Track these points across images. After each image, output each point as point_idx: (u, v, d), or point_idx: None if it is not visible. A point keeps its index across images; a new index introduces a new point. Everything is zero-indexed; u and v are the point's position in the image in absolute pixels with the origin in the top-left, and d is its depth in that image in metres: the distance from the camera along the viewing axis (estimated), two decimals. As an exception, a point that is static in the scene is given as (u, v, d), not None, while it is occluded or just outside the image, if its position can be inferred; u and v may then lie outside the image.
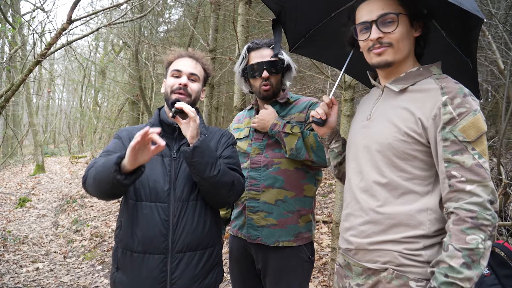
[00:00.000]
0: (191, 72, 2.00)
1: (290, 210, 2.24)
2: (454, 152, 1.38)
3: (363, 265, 1.57)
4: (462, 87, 1.43)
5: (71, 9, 4.41)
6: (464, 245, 1.31)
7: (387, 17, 1.50)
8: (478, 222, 1.31)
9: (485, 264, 1.33)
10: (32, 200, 11.51)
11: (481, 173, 1.35)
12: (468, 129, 1.37)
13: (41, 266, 6.06)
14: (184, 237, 1.86)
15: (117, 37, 15.41)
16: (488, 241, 1.32)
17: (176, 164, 1.94)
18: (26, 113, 18.89)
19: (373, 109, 1.65)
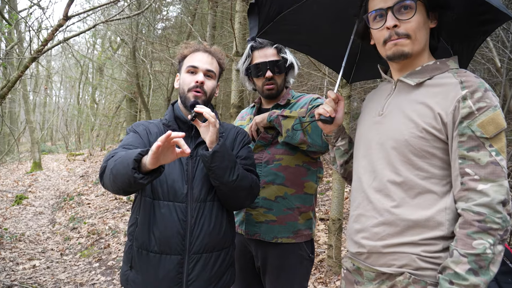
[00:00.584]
0: (207, 69, 1.95)
1: (290, 207, 2.22)
2: (470, 148, 1.31)
3: (376, 269, 1.47)
4: (483, 82, 1.35)
5: (68, 5, 4.39)
6: (470, 250, 1.25)
7: (404, 3, 1.41)
8: (486, 226, 1.25)
9: (495, 270, 1.25)
10: (29, 197, 11.48)
11: (497, 172, 1.27)
12: (487, 124, 1.29)
13: (37, 264, 6.04)
14: (202, 238, 1.82)
15: (115, 34, 15.37)
16: (498, 246, 1.24)
17: (193, 163, 1.89)
18: (23, 110, 18.83)
19: (386, 104, 1.56)
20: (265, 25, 1.97)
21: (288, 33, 2.06)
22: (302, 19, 1.95)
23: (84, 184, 12.63)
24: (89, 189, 11.71)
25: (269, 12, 1.91)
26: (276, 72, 2.25)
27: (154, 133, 1.95)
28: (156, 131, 1.96)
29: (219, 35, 8.62)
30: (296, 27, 2.01)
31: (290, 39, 2.14)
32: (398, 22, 1.42)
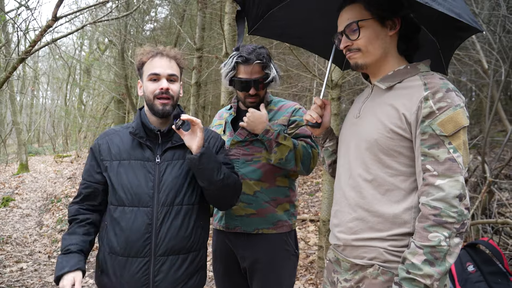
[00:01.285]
0: (169, 74, 1.96)
1: (267, 200, 2.30)
2: (430, 145, 1.40)
3: (350, 260, 1.60)
4: (446, 83, 1.44)
5: (57, 6, 4.34)
6: (425, 242, 1.34)
7: (351, 26, 1.57)
8: (441, 219, 1.34)
9: (452, 261, 1.35)
10: (15, 199, 11.32)
11: (453, 168, 1.36)
12: (446, 123, 1.38)
13: (25, 266, 5.96)
14: (168, 241, 1.87)
15: (103, 35, 15.25)
16: (455, 238, 1.33)
17: (160, 168, 1.95)
18: (9, 111, 18.58)
19: (362, 107, 1.68)
20: (255, 23, 2.04)
21: (279, 28, 2.13)
22: (291, 14, 2.01)
23: (71, 186, 12.50)
24: (76, 191, 11.57)
25: (257, 12, 1.99)
26: (260, 89, 2.30)
27: (116, 144, 2.01)
28: (119, 141, 2.01)
29: (208, 37, 8.60)
30: (286, 22, 2.08)
31: (281, 34, 2.23)
32: (350, 42, 1.59)
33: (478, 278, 2.56)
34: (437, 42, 1.82)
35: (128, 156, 1.96)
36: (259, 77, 2.26)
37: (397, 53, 1.61)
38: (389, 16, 1.55)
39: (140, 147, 1.97)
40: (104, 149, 2.00)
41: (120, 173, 1.93)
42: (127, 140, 2.00)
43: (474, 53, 5.43)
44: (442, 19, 1.57)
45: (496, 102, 4.46)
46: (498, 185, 4.40)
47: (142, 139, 1.96)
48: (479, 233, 3.85)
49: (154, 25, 12.46)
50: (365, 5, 1.56)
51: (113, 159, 1.97)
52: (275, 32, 2.20)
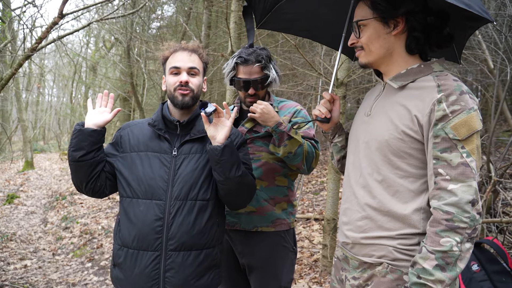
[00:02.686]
0: (189, 67, 1.98)
1: (265, 198, 2.34)
2: (443, 149, 1.38)
3: (359, 259, 1.59)
4: (460, 85, 1.41)
5: (63, 3, 4.36)
6: (437, 247, 1.33)
7: (353, 26, 1.61)
8: (453, 224, 1.32)
9: (463, 266, 1.34)
10: (20, 196, 11.40)
11: (466, 172, 1.34)
12: (460, 127, 1.36)
13: (29, 263, 6.00)
14: (180, 236, 1.85)
15: (109, 33, 15.29)
16: (466, 243, 1.32)
17: (176, 161, 1.94)
18: (15, 108, 18.68)
19: (374, 105, 1.66)
20: (263, 17, 2.05)
21: (287, 21, 2.13)
22: (299, 6, 2.02)
23: (76, 183, 12.54)
24: (82, 188, 11.62)
25: (265, 6, 1.99)
26: (259, 89, 2.33)
27: (135, 135, 2.03)
28: (138, 133, 2.05)
29: (214, 35, 8.61)
30: (293, 15, 2.08)
31: (290, 27, 2.24)
32: (355, 40, 1.62)
33: (482, 277, 2.55)
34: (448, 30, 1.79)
35: (145, 148, 1.97)
36: (258, 78, 2.30)
37: (405, 52, 1.58)
38: (391, 16, 1.53)
39: (159, 139, 1.98)
40: (125, 140, 2.03)
41: (136, 164, 1.94)
42: (147, 131, 2.02)
43: (480, 52, 5.41)
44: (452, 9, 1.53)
45: (502, 101, 4.44)
46: (503, 185, 4.38)
47: (160, 131, 1.97)
48: (484, 232, 3.84)
49: (160, 23, 12.49)
50: (370, 5, 1.55)
51: (131, 150, 1.98)
52: (283, 26, 2.21)
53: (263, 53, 2.31)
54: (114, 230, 2.00)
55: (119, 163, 1.99)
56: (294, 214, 2.49)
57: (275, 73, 2.35)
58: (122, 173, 1.96)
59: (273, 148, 2.23)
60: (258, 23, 2.08)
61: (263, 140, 2.34)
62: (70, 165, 1.94)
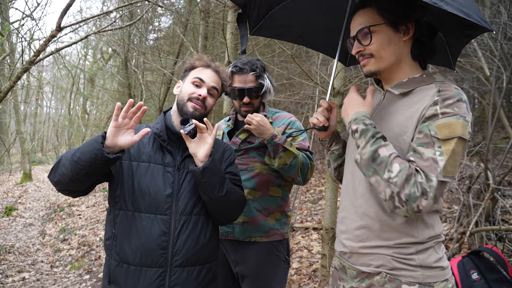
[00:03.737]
0: (212, 86, 1.98)
1: (258, 209, 2.35)
2: (421, 144, 1.38)
3: (357, 268, 1.57)
4: (461, 93, 1.41)
5: (61, 16, 4.38)
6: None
7: (363, 31, 1.54)
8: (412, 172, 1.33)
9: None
10: (18, 209, 11.34)
11: (431, 167, 1.34)
12: (444, 127, 1.36)
13: (27, 276, 5.96)
14: (185, 252, 1.81)
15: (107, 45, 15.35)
16: (403, 174, 1.33)
17: (180, 174, 1.89)
18: (13, 121, 18.68)
19: (374, 114, 1.65)
20: (256, 23, 2.04)
21: (281, 27, 2.13)
22: (293, 13, 2.02)
23: (75, 195, 12.50)
24: (79, 200, 11.60)
25: (259, 12, 1.99)
26: (254, 97, 2.36)
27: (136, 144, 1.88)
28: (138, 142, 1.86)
29: (211, 46, 8.65)
30: (288, 21, 2.08)
31: (283, 33, 2.22)
32: (362, 47, 1.56)
33: (482, 285, 2.54)
34: (444, 37, 1.79)
35: (148, 159, 1.89)
36: (252, 86, 2.34)
37: (411, 59, 1.58)
38: (402, 21, 1.52)
39: (161, 151, 1.91)
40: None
41: (138, 176, 1.85)
42: (147, 141, 1.94)
43: (476, 60, 5.43)
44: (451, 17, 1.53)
45: (498, 108, 4.46)
46: (501, 192, 4.38)
47: (164, 142, 1.91)
48: (483, 240, 3.83)
49: (157, 35, 12.55)
50: (378, 10, 1.53)
51: (132, 159, 1.89)
52: (277, 32, 2.21)
53: (258, 63, 2.36)
54: (107, 245, 1.88)
55: (118, 172, 1.88)
56: (288, 224, 2.49)
57: (270, 83, 2.38)
58: (122, 184, 1.86)
59: (268, 160, 2.26)
60: (252, 29, 2.07)
61: (257, 151, 2.36)
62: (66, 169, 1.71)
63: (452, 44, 1.80)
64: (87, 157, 1.65)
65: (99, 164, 1.65)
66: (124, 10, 8.27)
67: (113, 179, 1.89)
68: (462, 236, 3.99)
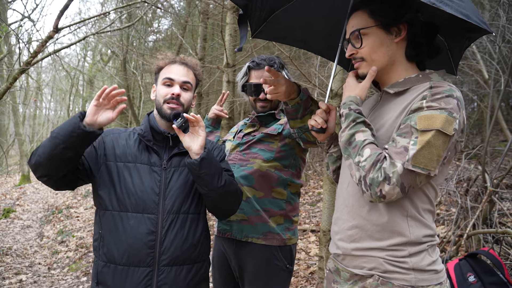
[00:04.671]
0: (183, 81, 1.94)
1: (257, 208, 2.26)
2: (400, 133, 1.38)
3: (350, 270, 1.56)
4: (452, 89, 1.39)
5: (58, 17, 4.38)
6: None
7: (354, 34, 1.55)
8: (380, 158, 1.35)
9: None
10: (16, 210, 11.32)
11: (400, 154, 1.34)
12: (424, 119, 1.35)
13: (24, 278, 5.93)
14: (173, 251, 1.81)
15: (106, 47, 15.37)
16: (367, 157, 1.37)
17: (166, 174, 1.89)
18: (12, 123, 18.67)
19: (369, 114, 1.64)
20: (258, 26, 2.02)
21: (282, 31, 2.11)
22: (295, 16, 2.00)
23: (73, 197, 12.50)
24: (78, 202, 11.59)
25: (261, 15, 1.96)
26: None
27: (121, 145, 1.93)
28: (124, 143, 1.94)
29: (210, 47, 8.65)
30: (289, 25, 2.06)
31: (284, 36, 2.20)
32: (355, 50, 1.57)
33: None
34: (445, 41, 1.78)
35: (133, 159, 1.89)
36: None
37: (406, 60, 1.57)
38: (393, 22, 1.51)
39: (147, 151, 1.91)
40: (109, 147, 1.92)
41: (124, 176, 1.85)
42: (132, 143, 1.94)
43: (474, 63, 5.44)
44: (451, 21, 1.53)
45: (496, 111, 4.45)
46: (499, 195, 4.37)
47: (149, 142, 1.91)
48: (480, 243, 3.82)
49: (156, 36, 12.56)
50: (369, 13, 1.53)
51: (118, 160, 1.89)
52: (279, 35, 2.19)
53: (277, 59, 2.32)
54: (95, 246, 1.88)
55: (103, 173, 1.87)
56: (292, 230, 2.36)
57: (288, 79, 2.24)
58: (107, 185, 1.86)
59: (295, 123, 1.97)
60: (254, 33, 2.05)
61: (260, 145, 2.30)
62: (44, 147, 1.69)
63: (454, 49, 1.79)
64: (65, 130, 1.65)
65: (76, 138, 1.64)
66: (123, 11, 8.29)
67: (94, 179, 1.88)
68: (459, 238, 3.98)
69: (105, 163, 1.89)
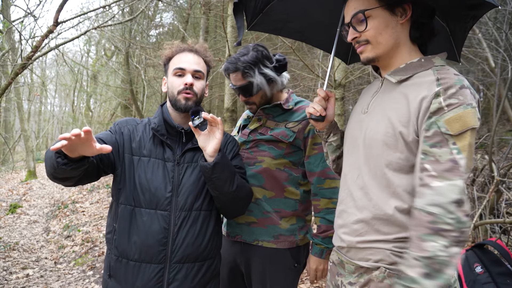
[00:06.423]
0: (195, 69, 1.88)
1: (268, 210, 2.16)
2: (433, 144, 1.30)
3: (355, 263, 1.52)
4: (461, 79, 1.34)
5: (58, 11, 4.35)
6: (421, 253, 1.24)
7: (357, 16, 1.47)
8: (436, 227, 1.23)
9: (451, 273, 1.23)
10: (23, 206, 11.39)
11: (453, 170, 1.26)
12: (454, 121, 1.28)
13: (31, 273, 5.97)
14: (185, 248, 1.79)
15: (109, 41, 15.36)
16: (453, 247, 1.22)
17: (179, 169, 1.85)
18: (18, 119, 18.77)
19: (371, 102, 1.57)
20: (254, 18, 1.95)
21: (278, 22, 2.04)
22: (291, 7, 1.94)
23: (78, 192, 12.56)
24: (83, 196, 11.64)
25: (256, 5, 1.90)
26: (248, 95, 2.16)
27: (138, 138, 1.89)
28: (140, 136, 1.90)
29: (212, 39, 8.61)
30: (285, 16, 1.99)
31: (281, 28, 2.12)
32: (357, 34, 1.49)
33: (486, 279, 2.49)
34: (447, 26, 1.71)
35: (148, 153, 1.85)
36: (241, 85, 2.13)
37: (410, 42, 1.50)
38: (398, 2, 1.44)
39: (161, 146, 1.88)
40: (126, 139, 1.88)
41: (139, 171, 1.83)
42: (147, 136, 1.90)
43: (480, 51, 5.36)
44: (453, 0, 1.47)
45: (503, 100, 4.39)
46: (506, 185, 4.32)
47: (163, 137, 1.87)
48: (487, 233, 3.77)
49: (159, 30, 12.53)
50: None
51: (134, 153, 1.86)
52: (275, 27, 2.11)
53: (247, 58, 2.10)
54: (108, 238, 1.87)
55: (123, 165, 1.85)
56: (306, 229, 2.25)
57: (263, 78, 2.12)
58: (124, 178, 1.84)
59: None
60: (249, 24, 1.99)
61: (268, 144, 2.17)
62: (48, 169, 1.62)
63: (457, 32, 1.71)
64: (49, 164, 1.57)
65: (62, 171, 1.55)
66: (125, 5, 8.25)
67: (117, 171, 1.86)
68: (466, 229, 3.94)
69: (123, 155, 1.86)
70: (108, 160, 1.82)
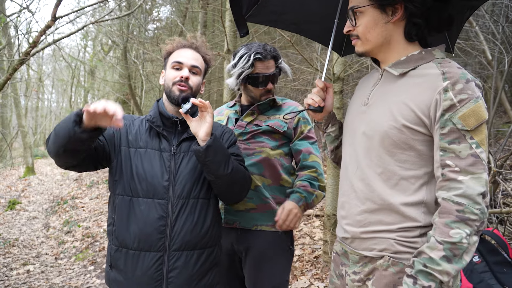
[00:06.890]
0: (192, 65, 1.93)
1: (266, 197, 2.28)
2: (451, 140, 1.33)
3: (359, 253, 1.54)
4: (465, 72, 1.36)
5: (55, 6, 4.35)
6: (447, 238, 1.29)
7: (348, 13, 1.54)
8: (464, 216, 1.28)
9: (468, 259, 1.30)
10: (22, 202, 11.39)
11: (476, 164, 1.30)
12: (468, 117, 1.31)
13: (32, 268, 5.99)
14: (183, 235, 1.81)
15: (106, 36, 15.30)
16: (474, 236, 1.28)
17: (176, 159, 1.89)
18: (15, 115, 18.71)
19: (371, 93, 1.59)
20: (249, 9, 1.96)
21: (274, 13, 2.05)
22: None
23: (78, 187, 12.57)
24: (83, 192, 11.65)
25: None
26: (275, 82, 2.36)
27: (133, 131, 1.95)
28: (137, 129, 1.96)
29: (210, 34, 8.59)
30: (281, 7, 2.00)
31: (276, 20, 2.14)
32: (351, 27, 1.55)
33: (483, 268, 2.53)
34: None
35: (145, 145, 1.90)
36: (275, 71, 2.32)
37: (405, 39, 1.52)
38: (389, 2, 1.46)
39: (157, 137, 1.93)
40: (123, 132, 1.94)
41: (135, 161, 1.87)
42: (143, 129, 1.96)
43: (477, 44, 5.38)
44: None
45: (500, 92, 4.41)
46: (503, 176, 4.35)
47: (158, 128, 1.92)
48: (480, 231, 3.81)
49: (157, 25, 12.49)
50: None
51: (130, 146, 1.91)
52: (270, 19, 2.12)
53: (271, 47, 2.33)
54: (108, 231, 1.91)
55: (119, 157, 1.90)
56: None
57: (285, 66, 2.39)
58: (120, 169, 1.88)
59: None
60: (245, 15, 1.99)
61: (265, 135, 2.30)
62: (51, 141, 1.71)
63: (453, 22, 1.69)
64: (63, 133, 1.63)
65: (76, 141, 1.62)
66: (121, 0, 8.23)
67: (112, 164, 1.91)
68: (464, 220, 3.98)
69: (119, 148, 1.92)
70: (103, 151, 1.87)
